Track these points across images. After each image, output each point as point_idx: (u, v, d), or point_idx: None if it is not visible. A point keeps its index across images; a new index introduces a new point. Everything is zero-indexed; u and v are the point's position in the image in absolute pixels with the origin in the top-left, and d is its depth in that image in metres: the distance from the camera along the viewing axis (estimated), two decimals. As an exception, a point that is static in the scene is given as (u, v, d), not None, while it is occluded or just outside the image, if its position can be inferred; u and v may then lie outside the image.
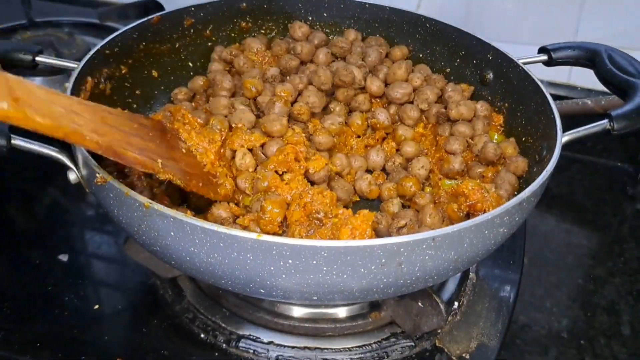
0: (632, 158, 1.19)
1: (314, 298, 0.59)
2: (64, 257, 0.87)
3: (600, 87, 0.83)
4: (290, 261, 0.53)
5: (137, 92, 0.91)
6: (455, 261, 0.59)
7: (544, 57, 0.87)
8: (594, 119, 0.73)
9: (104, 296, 0.83)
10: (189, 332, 0.77)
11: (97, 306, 0.80)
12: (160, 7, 1.27)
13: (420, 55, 1.01)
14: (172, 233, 0.56)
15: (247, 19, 1.04)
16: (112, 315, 0.80)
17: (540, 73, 0.85)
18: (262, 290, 0.58)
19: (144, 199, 0.57)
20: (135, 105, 0.91)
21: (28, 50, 0.79)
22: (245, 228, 0.68)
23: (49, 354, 0.73)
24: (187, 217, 0.54)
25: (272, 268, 0.54)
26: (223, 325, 0.77)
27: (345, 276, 0.55)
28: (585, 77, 0.93)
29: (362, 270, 0.55)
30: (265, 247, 0.53)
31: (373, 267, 0.55)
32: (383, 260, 0.54)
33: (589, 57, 0.85)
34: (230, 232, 0.53)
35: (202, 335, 0.76)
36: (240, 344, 0.75)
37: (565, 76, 1.20)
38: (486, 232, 0.60)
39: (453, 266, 0.61)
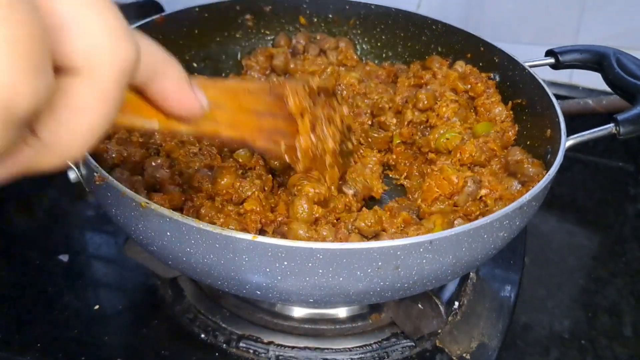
0: (633, 158, 1.19)
1: (311, 300, 0.58)
2: (64, 257, 0.87)
3: (602, 87, 0.83)
4: (285, 263, 0.53)
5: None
6: (453, 265, 0.59)
7: (551, 60, 0.86)
8: (595, 119, 0.72)
9: (104, 296, 0.83)
10: (189, 332, 0.77)
11: (97, 306, 0.80)
12: (160, 8, 1.26)
13: (426, 57, 1.01)
14: (168, 233, 0.56)
15: (251, 19, 1.04)
16: (112, 315, 0.80)
17: (542, 72, 0.85)
18: (258, 292, 0.58)
19: (140, 199, 0.56)
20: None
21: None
22: None
23: (49, 355, 0.73)
24: (183, 218, 0.54)
25: (267, 269, 0.54)
26: (223, 325, 0.78)
27: (341, 279, 0.54)
28: (586, 77, 0.93)
29: (358, 273, 0.54)
30: (260, 248, 0.53)
31: (369, 270, 0.54)
32: (379, 263, 0.54)
33: (596, 60, 0.83)
34: (226, 232, 0.53)
35: (203, 336, 0.76)
36: (241, 344, 0.75)
37: (566, 76, 1.20)
38: (485, 236, 0.59)
39: (452, 270, 0.60)
